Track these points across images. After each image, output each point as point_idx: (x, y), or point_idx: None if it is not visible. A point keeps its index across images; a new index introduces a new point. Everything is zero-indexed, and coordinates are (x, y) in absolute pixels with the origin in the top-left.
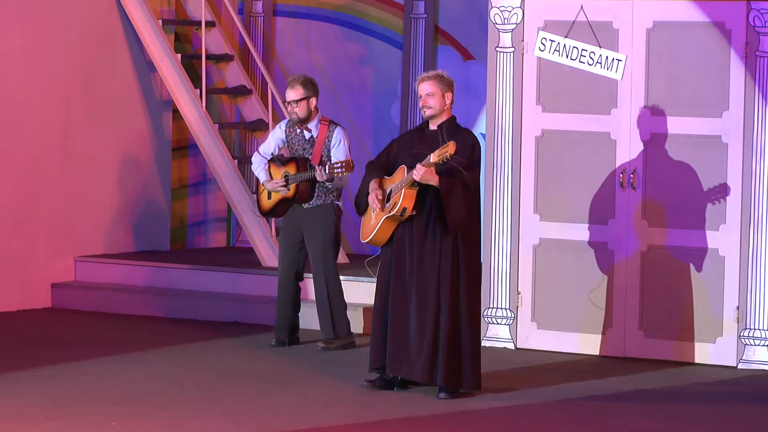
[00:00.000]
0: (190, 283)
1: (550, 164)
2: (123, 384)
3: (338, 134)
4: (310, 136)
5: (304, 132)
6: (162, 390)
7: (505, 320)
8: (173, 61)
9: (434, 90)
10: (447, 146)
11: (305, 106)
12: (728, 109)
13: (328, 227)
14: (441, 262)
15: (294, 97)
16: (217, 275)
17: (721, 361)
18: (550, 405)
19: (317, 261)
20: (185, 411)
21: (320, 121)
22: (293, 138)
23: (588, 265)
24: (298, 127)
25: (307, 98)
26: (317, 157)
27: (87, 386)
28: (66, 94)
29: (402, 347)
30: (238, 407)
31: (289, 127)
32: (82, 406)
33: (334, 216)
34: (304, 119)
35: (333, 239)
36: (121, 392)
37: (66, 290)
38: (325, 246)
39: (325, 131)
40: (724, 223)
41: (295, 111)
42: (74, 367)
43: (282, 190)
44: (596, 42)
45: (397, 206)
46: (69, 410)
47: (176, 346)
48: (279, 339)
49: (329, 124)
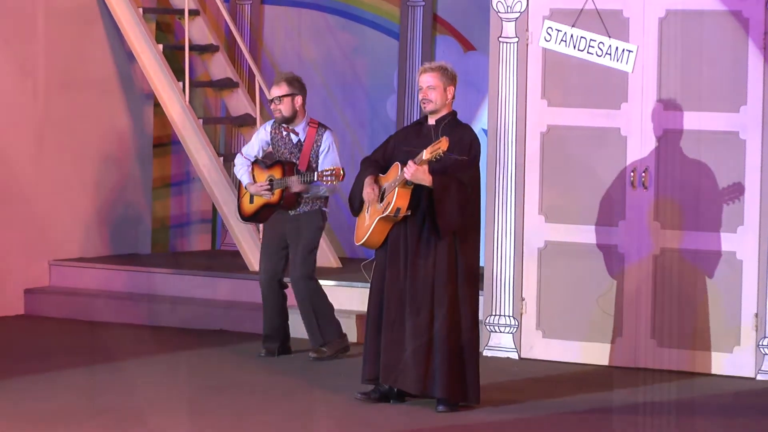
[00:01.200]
0: (172, 289)
1: (556, 162)
2: (100, 396)
3: (327, 138)
4: (298, 140)
5: (291, 135)
6: (142, 403)
7: (508, 328)
8: (155, 52)
9: (436, 83)
10: (440, 142)
11: (290, 103)
12: (746, 104)
13: (314, 233)
14: (437, 266)
15: (278, 93)
16: (201, 280)
17: (739, 372)
18: (556, 418)
19: (296, 266)
20: (166, 424)
21: (308, 124)
22: (279, 140)
23: (596, 269)
24: (284, 129)
25: (292, 95)
26: (305, 162)
27: (61, 399)
28: (39, 88)
29: (396, 356)
30: (223, 421)
31: (275, 128)
32: (56, 420)
33: (321, 222)
34: (288, 119)
35: (316, 245)
36: (97, 405)
37: (40, 296)
38: (307, 251)
39: (314, 135)
40: (741, 224)
41: (279, 108)
42: (48, 378)
43: (266, 195)
44: (605, 32)
45: (390, 206)
46: (42, 424)
47: (157, 355)
48: (268, 350)
49: (318, 127)
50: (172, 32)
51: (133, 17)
